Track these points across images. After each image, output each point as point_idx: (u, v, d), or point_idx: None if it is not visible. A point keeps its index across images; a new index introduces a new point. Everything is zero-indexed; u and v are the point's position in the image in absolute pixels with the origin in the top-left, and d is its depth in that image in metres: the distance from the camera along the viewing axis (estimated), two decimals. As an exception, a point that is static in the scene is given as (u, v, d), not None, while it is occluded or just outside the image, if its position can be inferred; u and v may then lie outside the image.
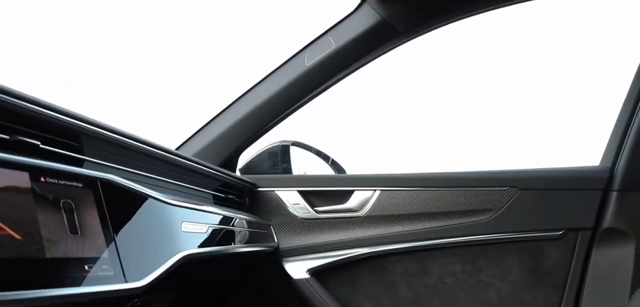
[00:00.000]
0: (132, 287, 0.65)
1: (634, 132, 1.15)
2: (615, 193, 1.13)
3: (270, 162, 1.39)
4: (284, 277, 1.23)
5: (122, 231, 0.68)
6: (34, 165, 0.58)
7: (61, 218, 0.59)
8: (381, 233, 1.23)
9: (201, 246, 0.86)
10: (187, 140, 1.31)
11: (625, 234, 1.12)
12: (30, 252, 0.54)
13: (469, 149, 1.83)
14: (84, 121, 0.69)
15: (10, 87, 0.57)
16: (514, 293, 1.17)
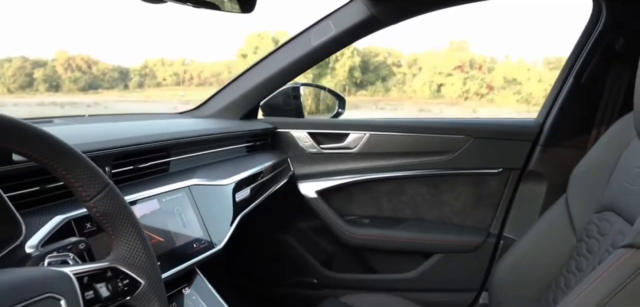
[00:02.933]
0: (218, 249, 1.10)
1: (563, 96, 1.53)
2: (539, 146, 1.55)
3: (285, 100, 1.77)
4: (297, 196, 1.69)
5: (206, 214, 1.10)
6: (160, 192, 0.99)
7: (177, 220, 1.02)
8: (370, 165, 1.67)
9: (249, 203, 1.29)
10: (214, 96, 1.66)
11: (542, 176, 1.57)
12: (169, 246, 0.97)
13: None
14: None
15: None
16: (463, 210, 1.66)
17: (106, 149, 0.94)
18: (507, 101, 16.50)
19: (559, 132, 1.56)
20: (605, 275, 0.89)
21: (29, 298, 0.48)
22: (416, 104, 17.49)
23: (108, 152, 0.94)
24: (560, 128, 1.56)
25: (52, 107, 14.33)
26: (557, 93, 1.57)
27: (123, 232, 0.62)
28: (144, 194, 0.96)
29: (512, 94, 16.85)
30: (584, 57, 1.51)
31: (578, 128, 1.57)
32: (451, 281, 1.67)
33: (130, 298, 0.61)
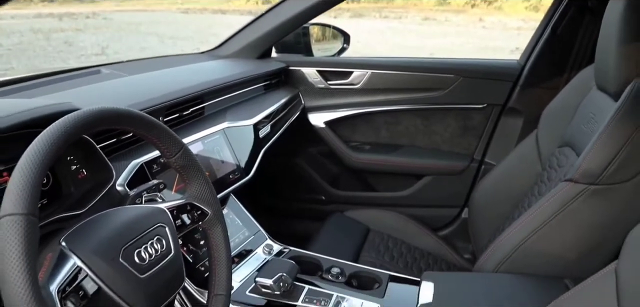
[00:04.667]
0: (248, 178, 1.36)
1: (541, 43, 1.72)
2: (519, 86, 1.76)
3: (295, 39, 1.96)
4: (308, 126, 1.92)
5: (237, 150, 1.35)
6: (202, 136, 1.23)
7: (216, 157, 1.27)
8: (371, 99, 1.88)
9: (270, 137, 1.54)
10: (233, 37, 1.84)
11: (519, 112, 1.79)
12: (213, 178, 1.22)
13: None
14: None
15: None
16: (451, 138, 1.89)
17: (159, 104, 1.16)
18: (516, 9, 15.93)
19: (537, 74, 1.75)
20: (547, 204, 1.14)
21: (147, 227, 0.73)
22: (421, 12, 17.05)
23: (160, 106, 1.17)
24: (538, 71, 1.75)
25: (49, 19, 14.17)
26: (537, 40, 1.75)
27: (194, 178, 0.86)
28: (191, 138, 1.21)
29: (521, 1, 16.26)
30: (562, 9, 1.68)
31: (553, 72, 1.75)
32: (439, 198, 1.90)
33: (202, 223, 0.86)
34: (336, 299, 1.06)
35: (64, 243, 0.66)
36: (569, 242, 1.14)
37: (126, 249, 0.67)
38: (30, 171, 0.57)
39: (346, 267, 1.19)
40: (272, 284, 1.05)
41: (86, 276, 0.63)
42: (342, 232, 1.60)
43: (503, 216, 1.49)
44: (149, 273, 0.69)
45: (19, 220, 0.54)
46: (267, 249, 1.24)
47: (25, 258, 0.53)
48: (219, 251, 0.85)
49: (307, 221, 1.97)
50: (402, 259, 1.53)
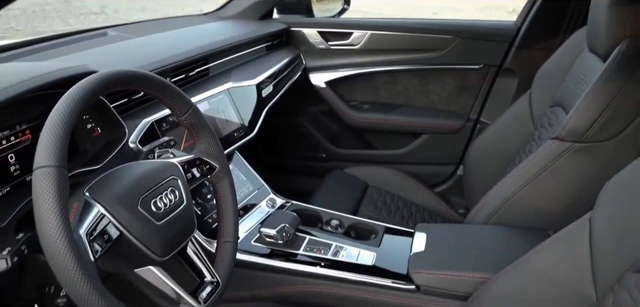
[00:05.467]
0: (252, 136, 1.42)
1: (537, 5, 1.75)
2: (515, 47, 1.80)
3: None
4: (309, 85, 1.97)
5: (241, 109, 1.41)
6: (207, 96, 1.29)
7: (222, 116, 1.33)
8: (370, 60, 1.92)
9: (272, 97, 1.59)
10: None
11: (515, 72, 1.83)
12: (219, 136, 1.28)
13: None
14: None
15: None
16: (448, 98, 1.93)
17: (166, 65, 1.22)
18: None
19: (532, 36, 1.78)
20: (534, 161, 1.21)
21: (162, 179, 0.80)
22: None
23: (168, 67, 1.22)
24: (533, 33, 1.77)
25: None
26: (533, 2, 1.77)
27: (202, 135, 0.92)
28: (197, 98, 1.26)
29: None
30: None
31: (547, 34, 1.77)
32: (435, 156, 1.96)
33: (211, 177, 0.93)
34: (335, 248, 1.14)
35: (88, 193, 0.73)
36: (553, 197, 1.21)
37: (144, 199, 0.74)
38: (59, 127, 0.63)
39: (345, 220, 1.26)
40: (275, 234, 1.12)
41: (109, 222, 0.71)
42: (341, 188, 1.67)
43: (496, 173, 1.55)
44: (164, 220, 0.76)
45: (51, 171, 0.61)
46: (270, 202, 1.32)
47: (58, 205, 0.60)
48: (227, 202, 0.93)
49: (308, 178, 2.04)
50: (399, 213, 1.61)
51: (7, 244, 0.71)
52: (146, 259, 0.74)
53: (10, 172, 0.83)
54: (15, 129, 0.85)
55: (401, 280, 1.06)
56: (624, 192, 0.80)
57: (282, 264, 1.11)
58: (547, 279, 0.86)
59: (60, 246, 0.59)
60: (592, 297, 0.79)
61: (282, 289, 1.12)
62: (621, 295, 0.72)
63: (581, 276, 0.81)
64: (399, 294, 1.06)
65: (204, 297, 0.79)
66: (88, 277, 0.60)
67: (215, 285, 0.82)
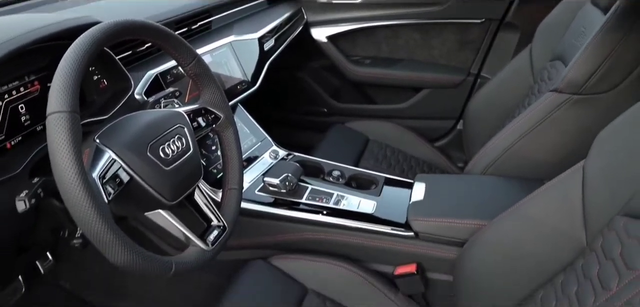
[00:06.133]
0: (254, 89, 1.44)
1: None
2: (517, 1, 1.78)
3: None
4: (310, 40, 1.97)
5: (244, 62, 1.42)
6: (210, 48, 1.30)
7: (225, 68, 1.34)
8: (371, 14, 1.91)
9: (274, 50, 1.60)
10: None
11: (516, 27, 1.82)
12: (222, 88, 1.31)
13: None
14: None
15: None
16: (449, 52, 1.93)
17: (170, 17, 1.23)
18: None
19: None
20: (533, 113, 1.23)
21: (169, 127, 0.82)
22: None
23: (172, 19, 1.23)
24: None
25: None
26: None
27: (207, 85, 0.94)
28: (200, 51, 1.27)
29: None
30: None
31: None
32: (435, 111, 1.97)
33: (215, 126, 0.95)
34: (336, 197, 1.18)
35: (98, 140, 0.75)
36: (551, 148, 1.24)
37: (152, 145, 0.77)
38: (69, 74, 0.66)
39: (346, 171, 1.29)
40: (278, 183, 1.16)
41: (120, 167, 0.74)
42: (342, 142, 1.70)
43: (495, 126, 1.56)
44: (172, 166, 0.79)
45: (65, 116, 0.63)
46: (273, 154, 1.35)
47: (73, 147, 0.63)
48: (232, 151, 0.95)
49: (309, 132, 2.07)
50: (399, 166, 1.64)
51: (24, 188, 0.74)
52: (156, 202, 0.77)
53: (21, 122, 0.86)
54: (23, 79, 0.87)
55: (400, 227, 1.10)
56: (617, 140, 0.83)
57: (285, 212, 1.15)
58: (539, 225, 0.89)
59: (76, 187, 0.62)
60: (583, 241, 0.82)
61: (285, 237, 1.16)
62: (609, 238, 0.76)
63: (573, 221, 0.84)
64: (398, 241, 1.10)
65: (211, 239, 0.83)
66: (103, 217, 0.63)
67: (222, 229, 0.86)
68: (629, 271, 0.69)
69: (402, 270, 1.08)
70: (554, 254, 0.85)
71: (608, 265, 0.73)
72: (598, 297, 0.72)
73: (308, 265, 1.09)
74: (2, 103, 0.82)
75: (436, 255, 1.09)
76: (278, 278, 1.06)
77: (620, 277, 0.69)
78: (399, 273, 1.08)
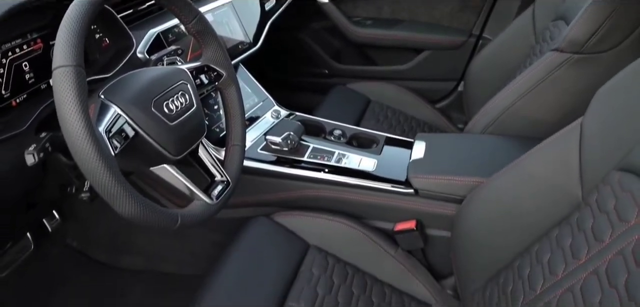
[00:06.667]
0: (256, 49, 1.44)
1: None
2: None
3: None
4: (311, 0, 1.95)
5: (245, 22, 1.42)
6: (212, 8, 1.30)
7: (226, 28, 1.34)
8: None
9: (275, 10, 1.59)
10: None
11: None
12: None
13: None
14: None
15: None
16: (451, 13, 1.90)
17: None
18: None
19: None
20: (534, 72, 1.23)
21: (172, 83, 0.83)
22: None
23: None
24: None
25: None
26: None
27: (209, 43, 0.95)
28: (202, 10, 1.26)
29: None
30: None
31: None
32: (437, 72, 1.97)
33: (218, 84, 0.96)
34: (338, 156, 1.20)
35: (103, 96, 0.77)
36: (551, 107, 1.25)
37: (156, 101, 0.78)
38: (74, 29, 0.66)
39: (347, 130, 1.31)
40: (280, 142, 1.17)
41: (125, 122, 0.75)
42: (343, 103, 1.71)
43: (496, 87, 1.56)
44: (176, 122, 0.80)
45: (70, 70, 0.64)
46: (275, 114, 1.36)
47: (79, 101, 0.64)
48: (234, 108, 0.97)
49: (310, 94, 2.07)
50: (400, 126, 1.65)
51: (32, 143, 0.76)
52: (161, 157, 0.79)
53: (25, 80, 0.87)
54: (26, 37, 0.87)
55: (400, 185, 1.12)
56: (615, 96, 0.84)
57: (287, 170, 1.17)
58: (537, 181, 0.91)
59: (83, 139, 0.63)
60: (578, 197, 0.84)
61: (287, 194, 1.18)
62: (604, 192, 0.77)
63: (569, 176, 0.86)
64: (398, 197, 1.12)
65: (216, 194, 0.85)
66: (110, 169, 0.65)
67: (225, 184, 0.88)
68: (621, 223, 0.71)
69: (401, 226, 1.11)
70: (550, 209, 0.87)
71: (602, 218, 0.75)
72: (591, 248, 0.74)
73: (310, 221, 1.11)
74: (6, 61, 0.83)
75: (435, 212, 1.11)
76: (280, 234, 1.09)
77: (613, 229, 0.71)
78: (398, 229, 1.11)
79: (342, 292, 1.00)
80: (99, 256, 1.48)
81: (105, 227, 1.46)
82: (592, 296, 0.68)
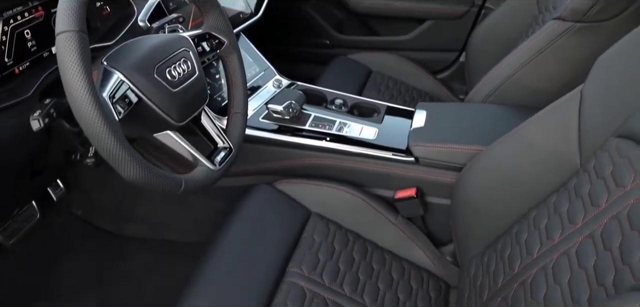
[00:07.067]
0: (257, 18, 1.43)
1: None
2: None
3: None
4: None
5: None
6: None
7: None
8: None
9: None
10: None
11: None
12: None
13: None
14: None
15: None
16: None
17: None
18: None
19: None
20: (535, 41, 1.23)
21: (174, 50, 0.83)
22: None
23: None
24: None
25: None
26: None
27: (211, 10, 0.94)
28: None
29: None
30: None
31: None
32: (439, 43, 1.95)
33: (220, 51, 0.96)
34: (339, 124, 1.20)
35: (106, 62, 0.77)
36: (552, 76, 1.25)
37: (159, 67, 0.79)
38: None
39: (348, 99, 1.31)
40: (282, 110, 1.18)
41: (128, 88, 0.76)
42: (345, 73, 1.71)
43: (498, 57, 1.56)
44: (178, 88, 0.81)
45: (73, 35, 0.65)
46: (276, 83, 1.36)
47: (83, 65, 0.64)
48: (236, 76, 0.97)
49: (312, 65, 2.06)
50: (401, 97, 1.65)
51: (37, 109, 0.77)
52: (164, 123, 0.80)
53: (28, 47, 0.87)
54: (27, 4, 0.88)
55: (401, 153, 1.13)
56: (615, 63, 0.84)
57: (288, 138, 1.18)
58: (536, 148, 0.92)
59: (88, 104, 0.64)
60: (577, 163, 0.85)
61: (289, 162, 1.20)
62: (602, 158, 0.78)
63: (568, 144, 0.87)
64: (398, 166, 1.13)
65: (218, 160, 0.86)
66: (115, 133, 0.66)
67: (228, 150, 0.89)
68: (618, 188, 0.72)
69: (402, 194, 1.12)
70: (549, 177, 0.88)
71: (599, 184, 0.76)
72: (587, 213, 0.75)
73: (311, 189, 1.13)
74: (8, 28, 0.83)
75: (435, 180, 1.12)
76: (282, 201, 1.10)
77: (610, 194, 0.73)
78: (399, 197, 1.12)
79: (343, 258, 1.02)
80: (104, 225, 1.50)
81: (110, 197, 1.48)
82: (587, 259, 0.69)
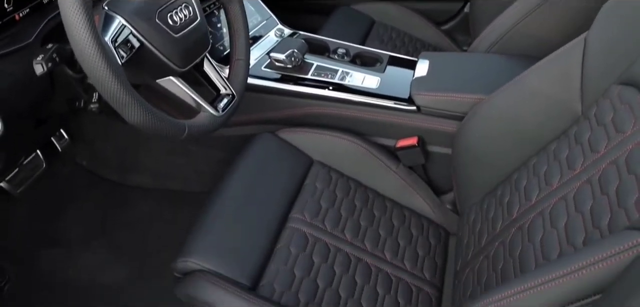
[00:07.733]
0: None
1: None
2: None
3: None
4: None
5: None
6: None
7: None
8: None
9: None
10: None
11: None
12: None
13: None
14: None
15: None
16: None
17: None
18: None
19: None
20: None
21: None
22: None
23: None
24: None
25: None
26: None
27: None
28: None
29: None
30: None
31: None
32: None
33: (221, -1, 0.96)
34: (341, 74, 1.20)
35: (107, 7, 0.77)
36: (557, 25, 1.23)
37: (160, 12, 0.78)
38: None
39: (351, 49, 1.31)
40: (284, 59, 1.18)
41: (130, 33, 0.76)
42: (347, 23, 1.69)
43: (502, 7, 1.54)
44: (180, 33, 0.81)
45: None
46: (278, 32, 1.35)
47: (85, 10, 0.64)
48: (238, 23, 0.96)
49: (314, 16, 2.03)
50: (404, 48, 1.64)
51: (39, 53, 0.77)
52: (167, 69, 0.80)
53: (27, -7, 0.86)
54: (25, -52, 0.86)
55: (403, 102, 1.13)
56: (620, 11, 0.83)
57: (290, 87, 1.18)
58: (538, 96, 0.92)
59: (91, 47, 0.64)
60: (578, 111, 0.86)
61: (291, 111, 1.20)
62: (604, 106, 0.79)
63: (570, 91, 0.87)
64: (400, 115, 1.14)
65: (221, 106, 0.86)
66: (118, 77, 0.66)
67: (231, 97, 0.90)
68: (617, 134, 0.72)
69: (403, 143, 1.13)
70: (550, 124, 0.89)
71: (599, 130, 0.77)
72: (586, 159, 0.76)
73: (314, 137, 1.14)
74: (6, -28, 0.82)
75: (437, 128, 1.13)
76: (285, 149, 1.11)
77: (609, 140, 0.73)
78: (400, 146, 1.13)
79: (345, 205, 1.04)
80: (108, 175, 1.52)
81: (113, 147, 1.49)
82: (584, 204, 0.71)
